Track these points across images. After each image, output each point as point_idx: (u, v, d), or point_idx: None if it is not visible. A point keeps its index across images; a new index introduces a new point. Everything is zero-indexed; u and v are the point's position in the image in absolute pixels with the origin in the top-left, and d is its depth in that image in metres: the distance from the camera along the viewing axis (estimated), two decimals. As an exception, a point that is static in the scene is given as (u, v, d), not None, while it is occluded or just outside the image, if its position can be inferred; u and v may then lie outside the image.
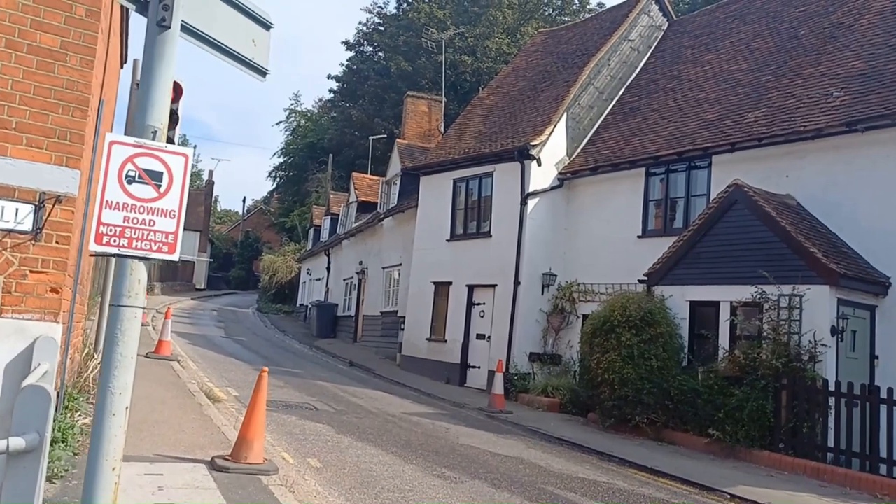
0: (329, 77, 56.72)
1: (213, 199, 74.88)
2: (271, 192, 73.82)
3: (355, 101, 51.04)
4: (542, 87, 19.65)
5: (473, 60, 45.87)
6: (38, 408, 3.57)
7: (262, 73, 4.34)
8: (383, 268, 23.55)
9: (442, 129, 31.17)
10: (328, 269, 31.30)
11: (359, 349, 24.44)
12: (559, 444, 11.60)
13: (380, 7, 53.46)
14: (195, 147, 73.16)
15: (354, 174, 28.68)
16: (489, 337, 17.37)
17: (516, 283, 16.70)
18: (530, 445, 11.10)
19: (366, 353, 23.25)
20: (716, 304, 12.89)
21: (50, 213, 5.68)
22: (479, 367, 17.56)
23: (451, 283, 18.59)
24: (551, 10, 49.86)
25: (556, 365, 16.59)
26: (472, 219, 18.59)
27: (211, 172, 59.70)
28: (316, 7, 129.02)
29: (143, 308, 3.54)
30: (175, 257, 3.62)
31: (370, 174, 31.08)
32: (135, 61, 11.09)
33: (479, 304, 17.91)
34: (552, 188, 17.22)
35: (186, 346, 19.55)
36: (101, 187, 3.47)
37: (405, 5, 51.93)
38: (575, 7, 48.44)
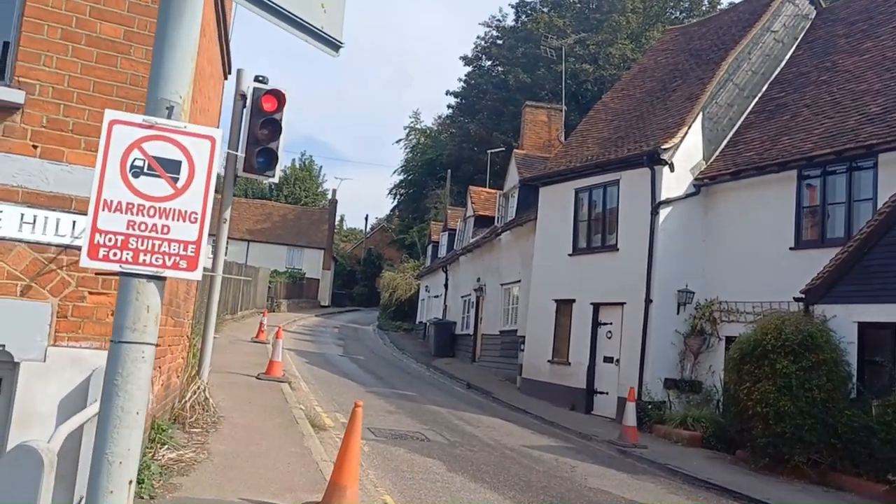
0: (447, 93, 56.48)
1: (340, 218, 76.70)
2: (393, 210, 74.68)
3: (473, 116, 50.48)
4: (673, 87, 18.00)
5: (595, 69, 44.20)
6: (24, 475, 2.71)
7: (335, 46, 3.36)
8: (501, 284, 22.45)
9: (562, 139, 29.79)
10: (446, 285, 30.56)
11: (477, 370, 23.40)
12: (705, 487, 10.02)
13: (498, 20, 52.87)
14: (321, 167, 75.19)
15: (471, 188, 27.82)
16: (618, 360, 15.85)
17: (647, 301, 15.13)
18: (671, 489, 9.61)
19: (484, 374, 22.17)
20: (891, 326, 10.92)
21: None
22: (606, 394, 16.06)
23: (573, 300, 17.22)
24: (678, 12, 47.37)
25: (696, 393, 14.84)
26: (596, 231, 17.17)
27: (334, 192, 60.72)
28: (438, 27, 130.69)
29: (155, 344, 2.62)
30: (197, 276, 2.66)
31: (488, 188, 30.13)
32: (238, 71, 10.63)
33: (605, 323, 16.43)
34: (687, 196, 15.54)
35: (302, 364, 19.20)
36: (96, 182, 2.56)
37: (524, 17, 51.01)
38: (704, 8, 45.75)
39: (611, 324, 16.27)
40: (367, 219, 78.40)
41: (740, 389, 11.72)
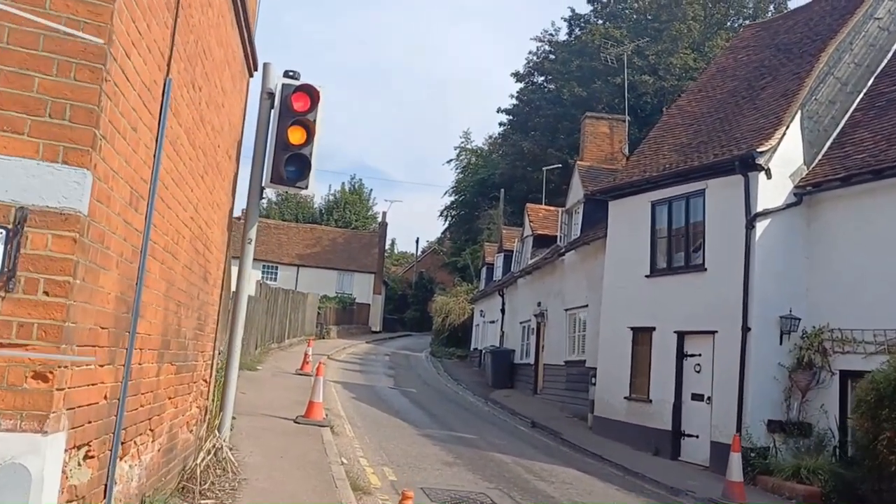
0: (499, 110, 54.88)
1: (391, 241, 75.42)
2: (444, 233, 73.20)
3: (526, 133, 48.66)
4: (761, 85, 15.88)
5: (655, 80, 42.00)
6: None
7: None
8: (566, 310, 20.42)
9: (626, 151, 27.70)
10: (502, 310, 28.59)
11: (540, 404, 21.33)
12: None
13: (550, 35, 51.08)
14: (371, 190, 74.21)
15: (529, 205, 25.93)
16: (709, 398, 13.67)
17: (745, 329, 12.96)
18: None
19: (548, 409, 20.09)
20: None
21: (31, 243, 3.29)
22: (696, 437, 13.87)
23: (653, 329, 15.12)
24: (742, 18, 44.88)
25: (805, 437, 12.56)
26: (677, 249, 15.08)
27: (384, 214, 59.51)
28: (478, 45, 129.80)
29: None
30: None
31: (546, 206, 28.16)
32: (265, 65, 9.05)
33: (692, 355, 14.28)
34: (787, 206, 13.37)
35: (349, 400, 17.49)
36: None
37: (577, 30, 49.18)
38: (771, 13, 43.18)
39: (699, 355, 14.11)
40: (417, 242, 77.22)
41: (878, 440, 9.51)
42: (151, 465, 5.86)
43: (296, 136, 8.64)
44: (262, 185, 8.89)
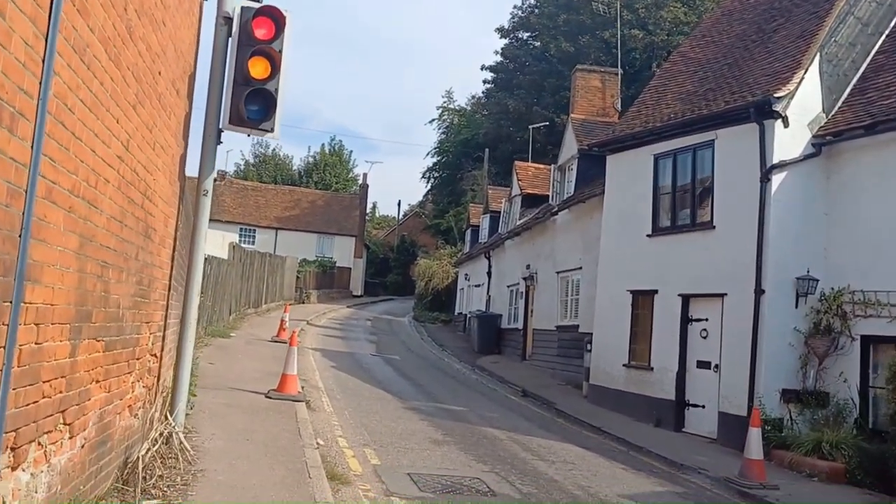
0: (483, 68, 52.87)
1: (372, 205, 73.89)
2: (426, 195, 71.70)
3: (511, 92, 47.08)
4: (773, 27, 14.62)
5: (645, 35, 40.48)
6: None
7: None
8: (558, 272, 19.30)
9: (618, 106, 26.42)
10: (489, 273, 27.46)
11: (529, 371, 20.34)
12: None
13: (537, -14, 49.13)
14: (351, 152, 72.45)
15: (517, 163, 24.64)
16: (717, 366, 12.67)
17: (758, 291, 11.90)
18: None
19: (539, 376, 19.10)
20: None
21: None
22: (702, 407, 12.89)
23: (655, 291, 14.05)
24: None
25: (823, 407, 11.59)
26: (683, 206, 13.95)
27: (365, 175, 57.83)
28: (467, 7, 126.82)
29: None
30: None
31: (536, 164, 26.86)
32: (221, -13, 7.65)
33: (698, 319, 13.24)
34: (805, 157, 12.24)
35: (328, 370, 16.36)
36: None
37: (565, -19, 47.36)
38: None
39: (706, 320, 13.07)
40: (399, 204, 75.72)
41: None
42: (71, 466, 4.64)
43: (258, 68, 7.33)
44: (220, 126, 7.59)
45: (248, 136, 7.69)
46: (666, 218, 14.23)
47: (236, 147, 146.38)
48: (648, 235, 14.41)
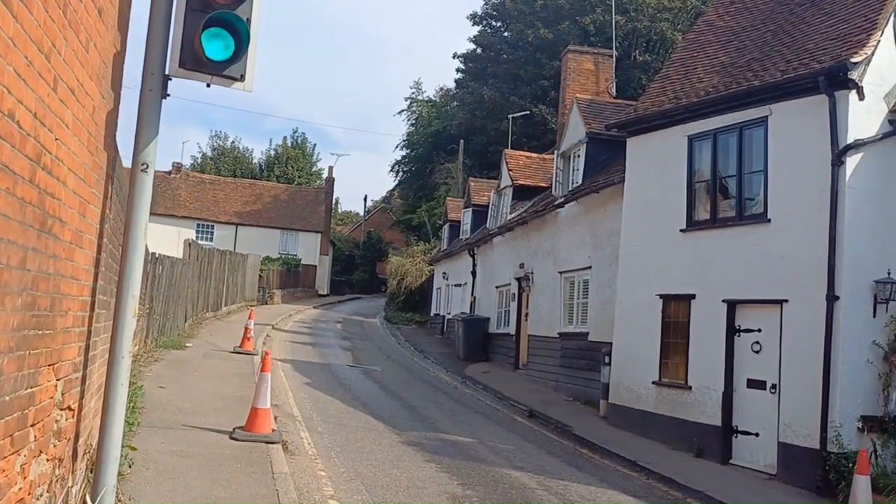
0: (455, 56, 50.57)
1: (334, 201, 71.22)
2: (391, 191, 69.21)
3: (485, 81, 44.86)
4: (823, -12, 12.61)
5: (627, 20, 38.63)
6: None
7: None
8: (561, 272, 17.13)
9: (613, 91, 24.44)
10: (473, 273, 25.20)
11: (526, 383, 18.18)
12: None
13: (510, -29, 46.93)
14: (314, 145, 69.52)
15: (507, 152, 22.41)
16: (774, 386, 10.60)
17: (831, 297, 9.85)
18: None
19: (540, 390, 16.93)
20: None
21: None
22: (755, 435, 10.82)
23: (692, 296, 11.95)
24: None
25: (910, 438, 9.63)
26: (726, 195, 11.87)
27: (331, 168, 55.00)
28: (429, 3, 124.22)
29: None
30: None
31: (528, 152, 24.64)
32: None
33: (748, 330, 11.17)
34: (883, 136, 10.24)
35: (302, 389, 13.97)
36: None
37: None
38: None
39: (758, 331, 11.00)
40: (365, 199, 72.89)
41: None
42: None
43: (221, -13, 5.01)
44: (166, 71, 5.22)
45: (209, 85, 5.27)
46: (704, 210, 12.13)
47: (192, 138, 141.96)
48: (682, 230, 12.30)
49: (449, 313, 29.70)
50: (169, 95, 5.41)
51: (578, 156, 16.73)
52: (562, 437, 12.26)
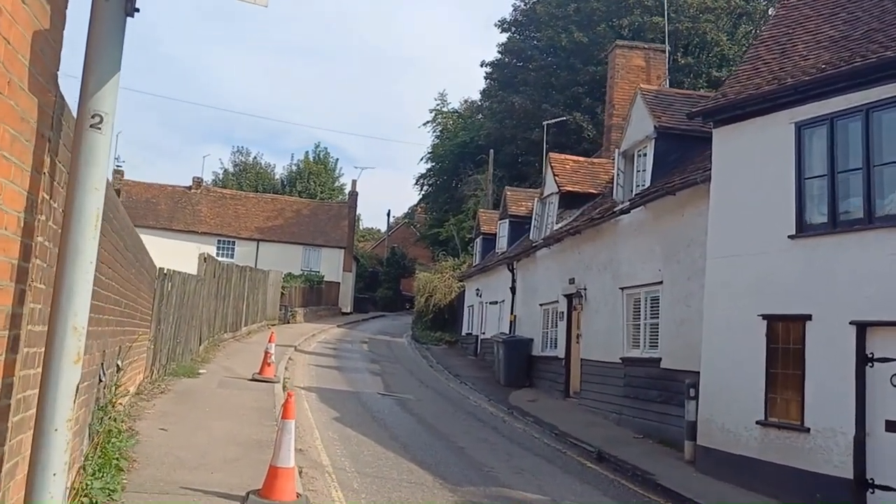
0: (482, 64, 48.73)
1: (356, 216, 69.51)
2: (415, 206, 67.47)
3: (515, 89, 42.94)
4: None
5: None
6: None
7: None
8: (622, 288, 14.98)
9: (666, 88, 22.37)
10: (513, 289, 23.08)
11: (581, 414, 16.00)
12: None
13: (540, -26, 45.06)
14: (336, 160, 68.05)
15: (552, 156, 20.31)
16: (927, 431, 8.39)
17: None
18: None
19: (601, 424, 14.75)
20: None
21: None
22: (901, 492, 8.60)
23: (807, 317, 9.77)
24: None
25: None
26: (848, 193, 9.70)
27: (354, 182, 53.20)
28: (450, 22, 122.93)
29: None
30: None
31: (574, 156, 22.55)
32: None
33: (885, 360, 8.96)
34: None
35: (330, 426, 11.95)
36: None
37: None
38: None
39: (900, 361, 8.81)
40: (389, 214, 71.28)
41: None
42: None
43: None
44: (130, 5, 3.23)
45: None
46: (818, 212, 9.97)
47: (214, 153, 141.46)
48: (791, 237, 10.14)
49: (483, 333, 27.59)
50: (138, 11, 3.44)
51: (644, 154, 14.60)
52: (647, 490, 10.08)
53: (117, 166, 47.11)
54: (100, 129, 3.21)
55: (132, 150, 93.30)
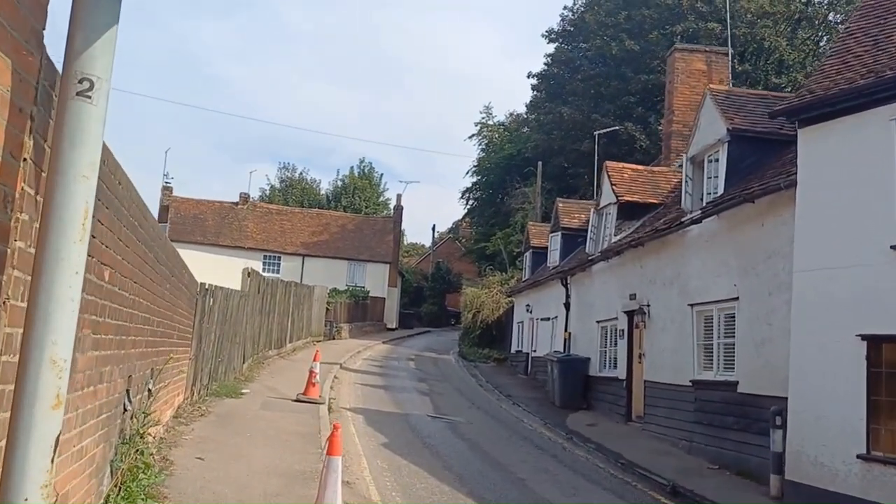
0: (529, 76, 47.85)
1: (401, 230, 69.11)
2: (460, 220, 66.87)
3: (564, 100, 41.98)
4: None
5: (723, 28, 35.14)
6: None
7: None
8: (691, 305, 13.87)
9: (729, 94, 21.19)
10: (567, 304, 22.03)
11: (645, 440, 14.88)
12: None
13: (590, -17, 44.03)
14: (381, 175, 67.84)
15: (609, 164, 19.23)
16: None
17: None
18: None
19: (666, 451, 13.62)
20: None
21: None
22: None
23: (917, 338, 8.61)
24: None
25: None
26: (964, 197, 8.56)
27: (399, 197, 52.75)
28: (490, 39, 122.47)
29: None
30: None
31: (633, 165, 21.47)
32: None
33: None
34: None
35: (378, 452, 11.11)
36: None
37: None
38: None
39: None
40: (433, 228, 70.72)
41: None
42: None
43: None
44: None
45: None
46: (928, 218, 8.84)
47: (261, 169, 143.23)
48: (894, 247, 9.00)
49: (534, 350, 26.54)
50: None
51: (715, 159, 13.51)
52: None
53: (166, 183, 47.62)
54: (89, 97, 2.43)
55: (181, 167, 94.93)
